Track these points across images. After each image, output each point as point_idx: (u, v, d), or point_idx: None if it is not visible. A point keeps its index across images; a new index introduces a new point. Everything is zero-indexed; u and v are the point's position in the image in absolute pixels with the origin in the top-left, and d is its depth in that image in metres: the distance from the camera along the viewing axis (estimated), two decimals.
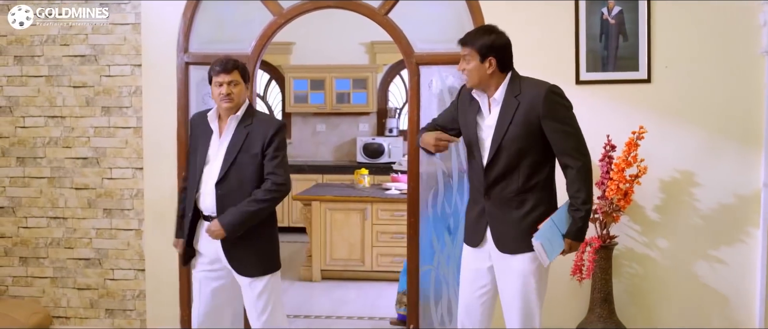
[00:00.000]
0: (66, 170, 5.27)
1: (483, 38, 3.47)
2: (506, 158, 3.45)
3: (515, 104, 3.43)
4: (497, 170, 3.49)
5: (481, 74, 3.48)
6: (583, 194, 3.40)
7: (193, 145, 3.98)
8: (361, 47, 10.27)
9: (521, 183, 3.47)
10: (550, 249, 3.41)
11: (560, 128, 3.40)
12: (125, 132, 5.19)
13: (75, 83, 5.23)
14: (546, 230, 3.40)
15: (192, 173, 3.93)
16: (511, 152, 3.44)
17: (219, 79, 3.76)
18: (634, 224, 4.73)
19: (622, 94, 4.69)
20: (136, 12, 5.11)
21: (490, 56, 3.45)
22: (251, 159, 3.79)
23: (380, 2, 4.93)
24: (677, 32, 4.65)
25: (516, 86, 3.47)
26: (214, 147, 3.86)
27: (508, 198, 3.49)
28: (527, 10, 4.73)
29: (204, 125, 3.91)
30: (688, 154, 4.67)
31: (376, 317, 5.99)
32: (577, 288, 4.66)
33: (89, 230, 5.29)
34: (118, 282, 5.29)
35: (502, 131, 3.44)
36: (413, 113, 4.91)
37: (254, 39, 5.00)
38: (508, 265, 3.53)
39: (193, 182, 3.88)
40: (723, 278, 4.68)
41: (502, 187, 3.50)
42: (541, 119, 3.38)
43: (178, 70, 5.02)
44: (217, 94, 3.79)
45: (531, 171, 3.46)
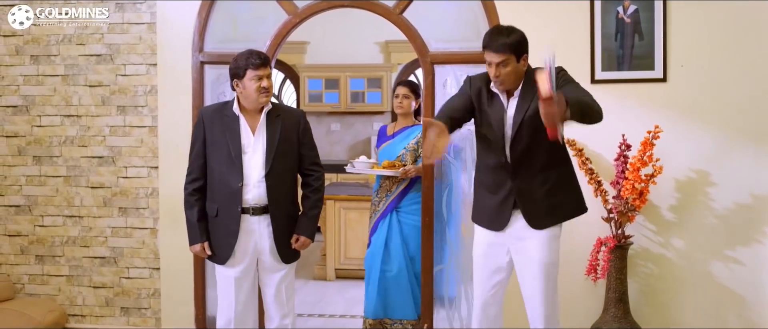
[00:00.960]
0: (82, 169, 5.29)
1: (512, 37, 3.52)
2: (528, 134, 3.55)
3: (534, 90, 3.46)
4: (518, 148, 3.59)
5: (519, 73, 3.59)
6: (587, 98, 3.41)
7: (210, 139, 3.92)
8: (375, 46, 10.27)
9: (545, 159, 3.60)
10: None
11: (572, 88, 3.47)
12: (140, 131, 5.20)
13: (91, 82, 5.25)
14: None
15: (217, 168, 3.89)
16: (534, 125, 3.47)
17: (259, 73, 3.78)
18: (650, 223, 4.70)
19: (637, 93, 4.66)
20: (152, 11, 5.12)
21: (523, 53, 3.56)
22: (291, 148, 3.94)
23: (395, 1, 4.93)
24: (693, 31, 4.62)
25: (531, 75, 3.56)
26: (249, 141, 3.87)
27: (535, 172, 3.62)
28: (542, 10, 4.71)
29: (225, 119, 3.90)
30: (703, 153, 4.64)
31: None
32: (592, 288, 4.65)
33: (105, 228, 5.30)
34: (133, 280, 5.30)
35: (522, 111, 3.56)
36: (428, 112, 4.90)
37: (269, 38, 5.01)
38: (525, 247, 3.68)
39: (225, 176, 3.85)
40: (739, 278, 4.64)
41: (528, 163, 3.61)
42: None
43: (193, 69, 5.04)
44: (256, 87, 3.80)
45: (552, 147, 3.51)
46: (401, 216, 5.08)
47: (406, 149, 5.11)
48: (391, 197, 5.09)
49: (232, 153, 3.84)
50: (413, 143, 5.10)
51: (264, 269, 3.99)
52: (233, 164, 3.84)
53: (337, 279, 7.15)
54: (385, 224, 5.08)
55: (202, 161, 3.95)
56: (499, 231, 3.74)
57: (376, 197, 5.19)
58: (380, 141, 5.36)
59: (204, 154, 3.94)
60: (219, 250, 3.93)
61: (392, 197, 5.09)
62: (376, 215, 5.16)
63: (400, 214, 5.09)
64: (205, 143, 3.93)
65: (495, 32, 3.59)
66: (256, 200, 3.85)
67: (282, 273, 3.98)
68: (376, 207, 5.16)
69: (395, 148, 5.16)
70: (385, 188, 5.13)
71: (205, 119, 3.96)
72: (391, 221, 5.07)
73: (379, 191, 5.17)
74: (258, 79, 3.78)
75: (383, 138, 5.34)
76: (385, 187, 5.14)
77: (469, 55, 4.76)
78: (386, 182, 5.13)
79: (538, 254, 3.65)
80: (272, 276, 3.98)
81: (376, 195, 5.19)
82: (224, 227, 3.89)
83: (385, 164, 5.04)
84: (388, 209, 5.09)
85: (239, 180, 3.83)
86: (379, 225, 5.11)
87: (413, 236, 5.05)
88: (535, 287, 3.68)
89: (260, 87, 3.79)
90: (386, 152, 5.20)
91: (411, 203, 5.08)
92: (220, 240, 3.92)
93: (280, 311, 4.00)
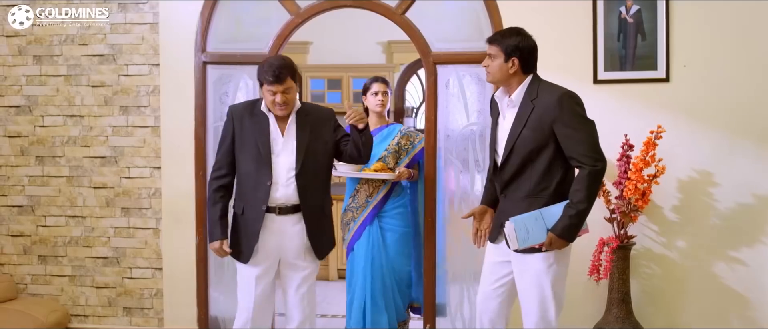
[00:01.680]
0: (84, 169, 5.29)
1: (510, 39, 3.54)
2: (518, 159, 3.51)
3: (530, 108, 3.48)
4: (510, 170, 3.55)
5: (503, 72, 3.55)
6: (581, 194, 3.37)
7: (239, 136, 3.90)
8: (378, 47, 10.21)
9: (533, 185, 3.51)
10: (524, 236, 3.41)
11: (571, 133, 3.41)
12: (143, 131, 5.19)
13: (93, 83, 5.24)
14: (527, 218, 3.43)
15: (246, 166, 3.88)
16: (523, 154, 3.49)
17: (272, 89, 3.77)
18: (652, 224, 4.70)
19: (640, 93, 4.66)
20: (155, 12, 5.11)
21: (514, 57, 3.52)
22: (323, 147, 3.95)
23: (397, 1, 4.93)
24: (696, 31, 4.62)
25: (534, 90, 3.52)
26: (278, 140, 3.88)
27: (520, 198, 3.54)
28: (545, 10, 4.71)
29: (255, 117, 3.90)
30: (706, 153, 4.63)
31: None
32: (595, 288, 4.64)
33: (107, 228, 5.30)
34: (135, 280, 5.30)
35: (516, 133, 3.50)
36: (430, 112, 4.90)
37: (271, 38, 5.01)
38: (523, 264, 3.56)
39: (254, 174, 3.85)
40: (742, 278, 4.64)
41: (514, 187, 3.56)
42: (553, 124, 3.41)
43: (196, 69, 5.03)
44: (270, 101, 3.82)
45: (542, 175, 3.48)
46: (384, 222, 4.87)
47: (388, 151, 4.89)
48: (373, 203, 4.84)
49: (261, 151, 3.84)
50: (394, 144, 4.90)
51: (288, 268, 3.97)
52: (263, 163, 3.84)
53: (339, 280, 7.13)
54: (368, 232, 4.84)
55: (231, 157, 3.93)
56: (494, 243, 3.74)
57: (353, 203, 4.90)
58: None
59: (233, 151, 3.93)
60: (244, 248, 3.91)
61: (374, 202, 4.84)
62: (355, 222, 4.88)
63: (383, 220, 4.87)
64: (234, 140, 3.93)
65: (504, 29, 3.68)
66: (284, 199, 3.85)
67: (306, 272, 3.98)
68: (355, 213, 4.88)
69: (376, 150, 4.74)
70: (365, 193, 4.87)
71: (235, 116, 3.95)
72: (373, 229, 4.84)
73: (356, 196, 4.89)
74: (272, 95, 3.79)
75: None
76: (364, 192, 4.87)
77: (472, 55, 4.75)
78: (365, 186, 4.87)
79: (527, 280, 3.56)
80: (296, 276, 3.96)
81: (353, 200, 4.90)
82: (250, 225, 3.88)
83: (377, 167, 4.77)
84: (371, 216, 4.85)
85: (268, 179, 3.83)
86: (362, 234, 4.85)
87: (396, 242, 4.88)
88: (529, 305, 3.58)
89: (273, 101, 3.81)
90: None
91: (394, 207, 4.89)
92: (244, 238, 3.91)
93: (302, 312, 3.98)
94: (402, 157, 4.91)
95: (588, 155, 3.38)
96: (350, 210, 4.93)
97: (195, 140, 5.05)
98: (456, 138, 4.91)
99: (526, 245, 3.44)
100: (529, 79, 3.56)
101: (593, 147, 3.41)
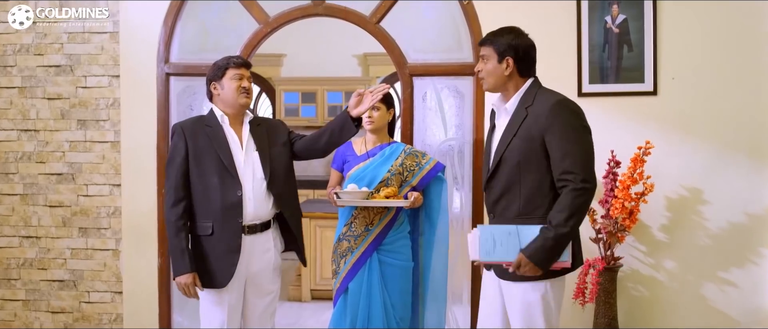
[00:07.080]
0: (39, 187, 5.14)
1: (503, 37, 3.27)
2: (506, 172, 3.18)
3: (523, 116, 3.18)
4: (498, 185, 3.23)
5: (498, 75, 3.25)
6: (561, 216, 3.02)
7: (193, 151, 3.62)
8: (353, 59, 10.24)
9: (523, 203, 3.17)
10: (489, 248, 3.08)
11: (560, 145, 3.08)
12: (102, 147, 5.05)
13: (49, 95, 5.10)
14: (498, 230, 3.11)
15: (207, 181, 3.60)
16: (511, 165, 3.17)
17: (240, 72, 3.69)
18: (640, 244, 4.61)
19: (626, 107, 4.57)
20: (115, 20, 4.98)
21: (508, 56, 3.23)
22: (283, 149, 3.84)
23: (371, 10, 4.81)
24: (684, 42, 4.54)
25: (530, 97, 3.22)
26: (239, 153, 3.67)
27: (510, 219, 3.21)
28: (526, 18, 4.48)
29: (208, 129, 3.66)
30: (696, 170, 4.56)
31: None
32: (580, 313, 4.54)
33: (64, 250, 5.14)
34: (94, 305, 5.14)
35: (505, 143, 3.20)
36: (406, 126, 4.78)
37: (239, 48, 4.90)
38: (512, 291, 3.24)
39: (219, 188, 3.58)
40: (733, 301, 4.57)
41: (504, 205, 3.23)
42: (544, 134, 3.10)
43: (158, 81, 4.91)
44: (236, 87, 3.68)
45: (534, 191, 3.15)
46: (383, 256, 4.22)
47: (391, 172, 4.23)
48: (373, 233, 4.20)
49: (224, 161, 3.60)
50: (398, 165, 4.26)
51: (254, 292, 3.74)
52: (228, 174, 3.59)
53: (312, 300, 6.96)
54: (366, 269, 4.21)
55: (185, 178, 3.63)
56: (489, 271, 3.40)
57: (349, 231, 4.25)
58: (350, 163, 4.36)
59: (187, 170, 3.63)
60: (218, 272, 3.60)
61: (375, 231, 4.20)
62: (352, 255, 4.23)
63: (383, 253, 4.22)
64: (188, 157, 3.63)
65: (496, 29, 3.37)
66: (254, 215, 3.63)
67: (273, 296, 3.84)
68: (352, 243, 4.23)
69: (377, 171, 4.22)
70: (365, 220, 4.22)
71: (186, 131, 3.66)
72: (372, 265, 4.20)
73: (353, 224, 4.25)
74: (238, 79, 3.66)
75: (354, 159, 4.36)
76: (363, 219, 4.22)
77: (450, 66, 4.69)
78: (365, 213, 4.22)
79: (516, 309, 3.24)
80: (260, 302, 3.77)
81: (349, 229, 4.26)
82: (223, 245, 3.59)
83: (388, 193, 4.13)
84: (371, 249, 4.21)
85: (238, 188, 3.59)
86: (358, 273, 4.22)
87: (396, 278, 4.24)
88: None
89: (240, 87, 3.66)
90: (364, 177, 4.23)
91: (397, 239, 4.25)
92: (218, 261, 3.60)
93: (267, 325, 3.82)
94: (407, 179, 4.29)
95: (574, 171, 3.04)
96: (346, 240, 4.28)
97: (157, 156, 4.92)
98: (433, 154, 4.78)
99: (490, 260, 3.11)
100: (528, 84, 3.26)
101: (583, 164, 3.07)
